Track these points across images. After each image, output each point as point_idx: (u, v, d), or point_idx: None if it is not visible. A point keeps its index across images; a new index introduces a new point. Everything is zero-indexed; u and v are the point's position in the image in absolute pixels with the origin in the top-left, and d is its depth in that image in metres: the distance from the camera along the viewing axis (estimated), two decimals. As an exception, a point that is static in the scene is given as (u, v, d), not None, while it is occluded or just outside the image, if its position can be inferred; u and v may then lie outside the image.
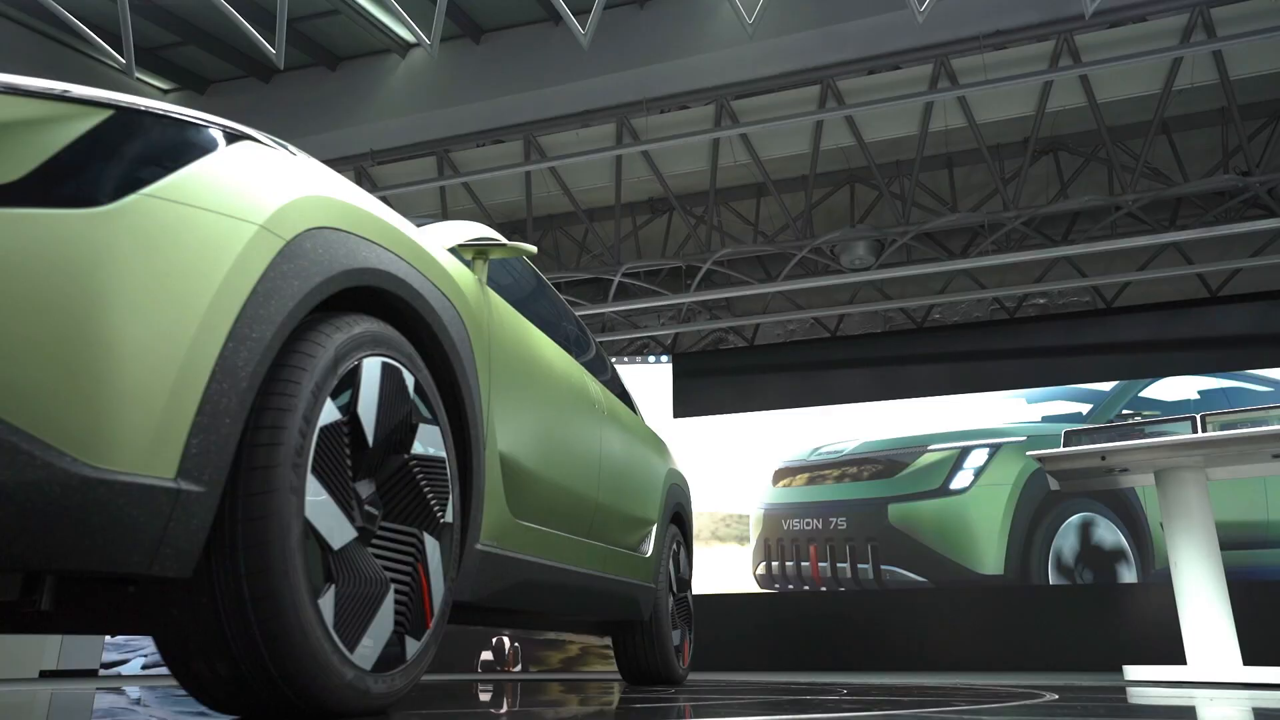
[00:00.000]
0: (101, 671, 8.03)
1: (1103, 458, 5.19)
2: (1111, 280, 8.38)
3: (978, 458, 8.75)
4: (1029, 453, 5.93)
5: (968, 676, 6.00)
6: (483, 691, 3.67)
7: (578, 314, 9.10)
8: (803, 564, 9.23)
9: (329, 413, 1.57)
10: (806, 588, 9.07)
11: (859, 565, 8.98)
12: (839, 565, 9.07)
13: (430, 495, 1.85)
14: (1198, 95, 7.31)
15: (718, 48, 6.87)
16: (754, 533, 9.38)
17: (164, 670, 8.10)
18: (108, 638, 8.08)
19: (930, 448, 9.00)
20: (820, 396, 9.40)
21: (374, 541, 1.70)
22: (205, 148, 1.46)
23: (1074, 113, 7.50)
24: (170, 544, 1.26)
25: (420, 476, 1.84)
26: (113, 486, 1.19)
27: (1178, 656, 5.17)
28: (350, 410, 1.64)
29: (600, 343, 9.98)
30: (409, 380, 1.84)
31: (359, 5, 7.06)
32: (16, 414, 1.13)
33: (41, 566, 1.16)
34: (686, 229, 8.80)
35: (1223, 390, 8.39)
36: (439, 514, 1.87)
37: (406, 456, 1.82)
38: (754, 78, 7.02)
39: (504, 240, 2.67)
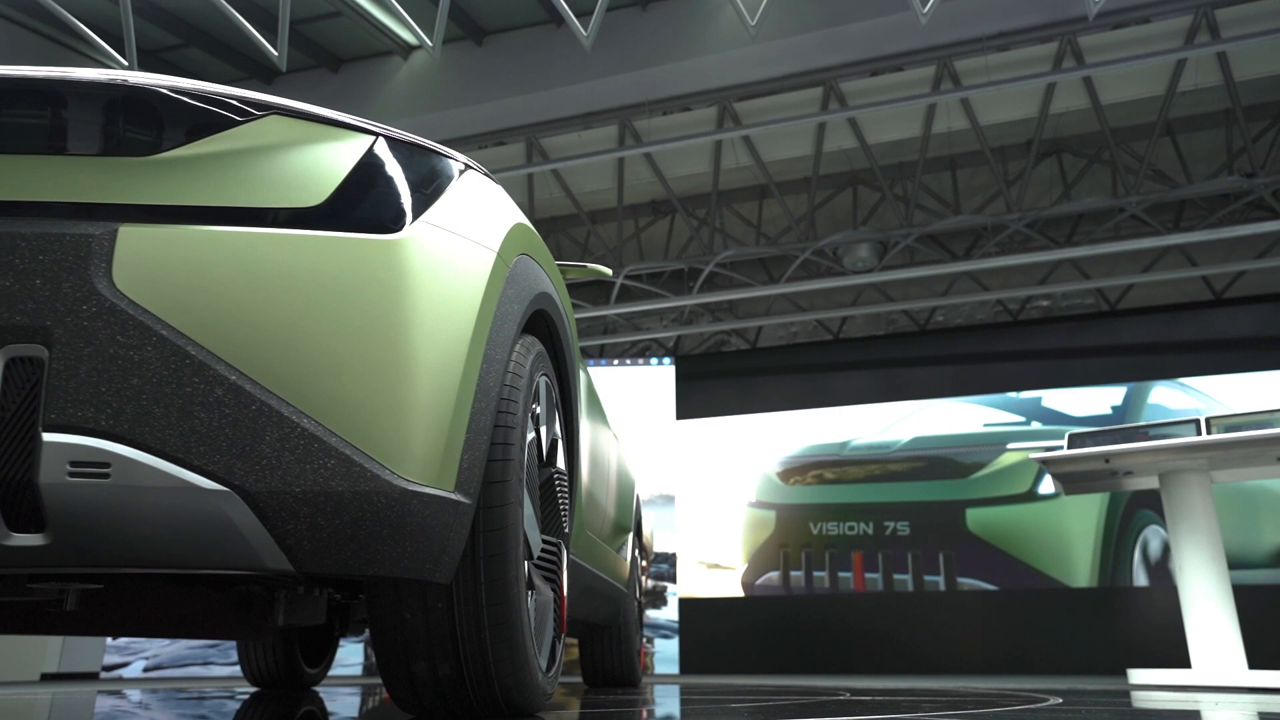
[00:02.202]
0: (103, 674, 8.03)
1: (1106, 460, 5.17)
2: (1115, 283, 8.35)
3: None
4: (1032, 456, 5.89)
5: (969, 680, 5.98)
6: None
7: (580, 316, 9.13)
8: (840, 574, 8.41)
9: (529, 429, 1.68)
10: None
11: (926, 577, 8.17)
12: (896, 576, 8.18)
13: (562, 507, 1.96)
14: (1202, 97, 7.29)
15: (720, 49, 6.86)
16: (747, 536, 9.16)
17: (165, 673, 8.09)
18: (110, 640, 8.08)
19: (1009, 446, 8.24)
20: (823, 399, 9.37)
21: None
22: (450, 176, 1.55)
23: (1077, 114, 7.48)
24: (448, 553, 1.35)
25: (559, 489, 1.94)
26: (422, 498, 1.27)
27: (1182, 660, 5.15)
28: (536, 427, 1.76)
29: (603, 345, 9.97)
30: (555, 398, 1.96)
31: (361, 7, 7.05)
32: (347, 429, 1.21)
33: (358, 572, 1.23)
34: (689, 231, 8.79)
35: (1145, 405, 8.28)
36: (566, 525, 1.98)
37: (553, 470, 1.92)
38: (756, 79, 7.01)
39: (583, 263, 2.82)
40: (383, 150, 1.43)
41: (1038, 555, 8.08)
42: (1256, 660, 5.34)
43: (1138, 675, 5.13)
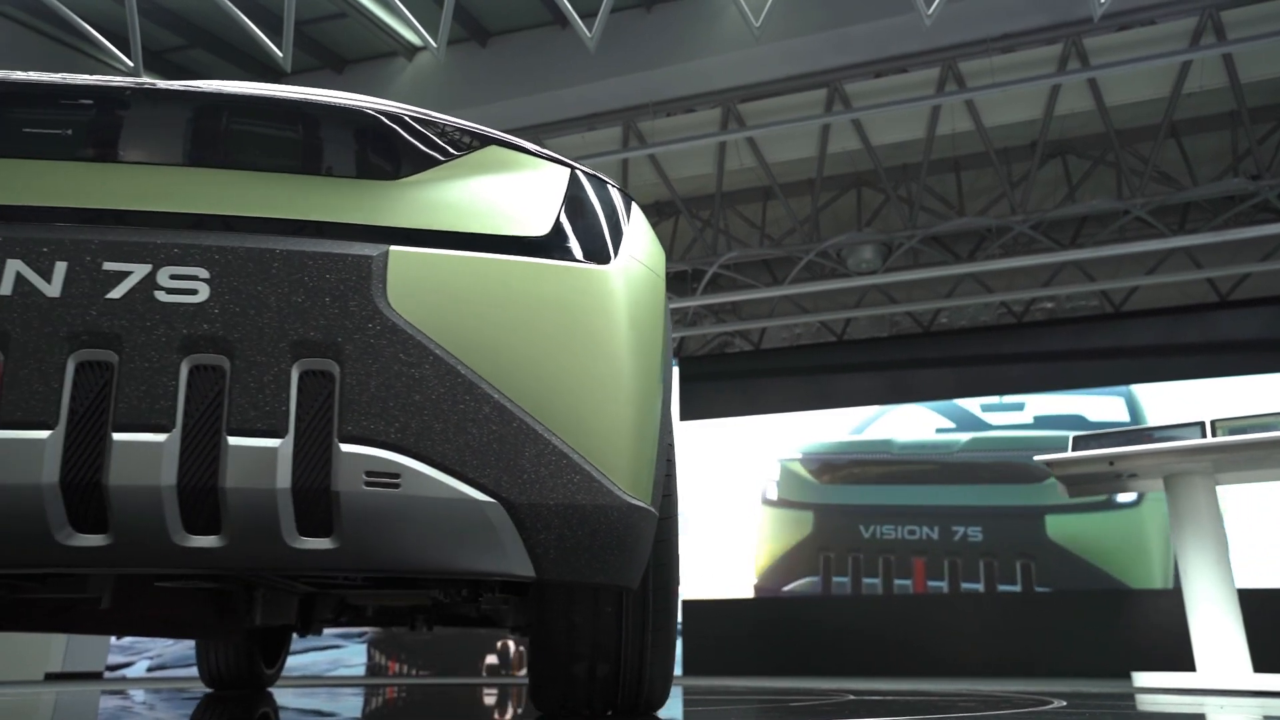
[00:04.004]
0: (107, 674, 8.04)
1: (1111, 463, 5.15)
2: (1120, 285, 8.33)
3: None
4: (1036, 458, 5.87)
5: (973, 682, 5.96)
6: (488, 694, 3.65)
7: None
8: (897, 581, 8.14)
9: None
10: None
11: (1000, 587, 7.89)
12: (965, 585, 7.92)
13: None
14: (1207, 98, 7.27)
15: (724, 50, 6.86)
16: (775, 537, 9.02)
17: (168, 673, 8.10)
18: (113, 640, 8.09)
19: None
20: (827, 400, 9.36)
21: None
22: (628, 207, 1.65)
23: (1082, 116, 7.47)
24: (644, 561, 1.44)
25: None
26: (639, 512, 1.37)
27: (1187, 663, 5.13)
28: None
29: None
30: None
31: (366, 8, 7.06)
32: (586, 446, 1.30)
33: (586, 579, 1.32)
34: (693, 232, 8.79)
35: (1059, 416, 8.20)
36: None
37: None
38: (760, 81, 7.00)
39: None
40: (580, 183, 1.51)
41: (1116, 563, 7.87)
42: (1261, 664, 5.32)
43: (1142, 678, 5.11)
